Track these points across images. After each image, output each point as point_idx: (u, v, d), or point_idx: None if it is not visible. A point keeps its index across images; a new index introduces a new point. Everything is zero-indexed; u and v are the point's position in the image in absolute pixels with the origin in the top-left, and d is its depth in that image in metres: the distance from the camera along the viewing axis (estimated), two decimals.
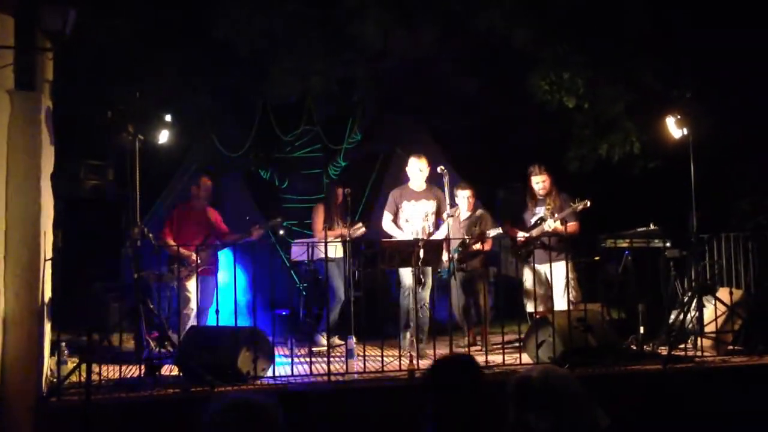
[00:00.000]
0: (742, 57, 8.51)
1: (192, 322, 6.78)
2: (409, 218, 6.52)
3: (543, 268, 6.82)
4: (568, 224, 6.69)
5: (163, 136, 6.52)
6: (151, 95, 7.58)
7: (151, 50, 8.04)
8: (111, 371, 5.76)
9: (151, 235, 6.52)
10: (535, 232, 6.87)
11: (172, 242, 6.92)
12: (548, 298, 6.80)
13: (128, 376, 5.65)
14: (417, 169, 6.77)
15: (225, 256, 7.36)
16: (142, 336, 6.00)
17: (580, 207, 6.62)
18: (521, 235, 6.94)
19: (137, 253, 6.15)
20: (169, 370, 5.77)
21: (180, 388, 5.27)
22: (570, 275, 6.46)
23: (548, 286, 6.85)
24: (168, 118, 6.59)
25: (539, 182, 6.99)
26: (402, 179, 10.56)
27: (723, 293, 6.39)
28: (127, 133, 5.99)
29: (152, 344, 6.58)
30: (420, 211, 6.54)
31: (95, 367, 5.16)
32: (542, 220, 6.86)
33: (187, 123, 8.89)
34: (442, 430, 2.51)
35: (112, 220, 5.62)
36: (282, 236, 9.38)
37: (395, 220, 6.81)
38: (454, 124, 10.88)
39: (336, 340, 7.43)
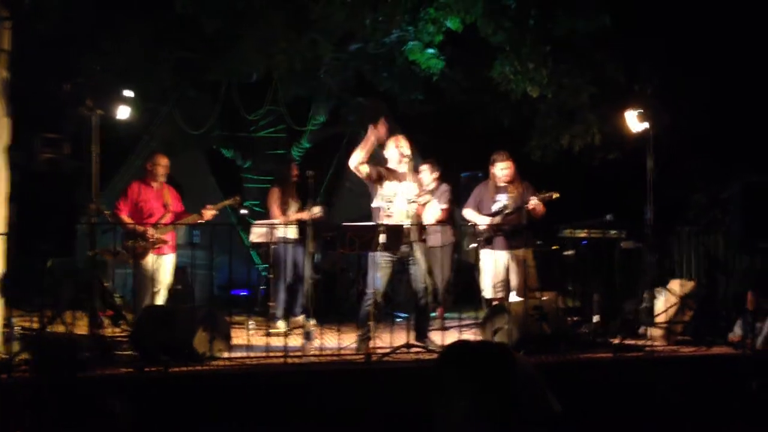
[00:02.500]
0: (701, 55, 8.69)
1: (147, 301, 6.70)
2: (391, 198, 6.31)
3: (502, 255, 6.87)
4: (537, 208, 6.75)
5: (123, 112, 6.40)
6: (112, 69, 7.45)
7: (112, 23, 7.87)
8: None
9: (107, 212, 6.43)
10: (497, 219, 6.90)
11: (127, 219, 6.81)
12: (505, 284, 6.86)
13: (81, 354, 5.54)
14: (394, 147, 6.51)
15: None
16: (96, 314, 5.93)
17: (547, 198, 6.66)
18: (483, 221, 6.97)
19: (93, 230, 6.05)
20: (123, 349, 5.71)
21: (134, 367, 5.21)
22: (529, 263, 6.53)
23: (506, 273, 6.91)
24: (128, 93, 6.48)
25: (504, 168, 6.98)
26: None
27: (675, 285, 6.54)
28: (86, 107, 5.88)
29: (106, 323, 6.51)
30: (402, 191, 6.31)
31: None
32: (505, 207, 6.89)
33: (148, 98, 8.77)
34: None
35: (68, 195, 5.53)
36: (244, 216, 9.33)
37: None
38: (419, 109, 10.89)
39: (300, 320, 7.40)
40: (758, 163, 8.48)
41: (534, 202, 6.67)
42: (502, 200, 6.96)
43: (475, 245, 7.06)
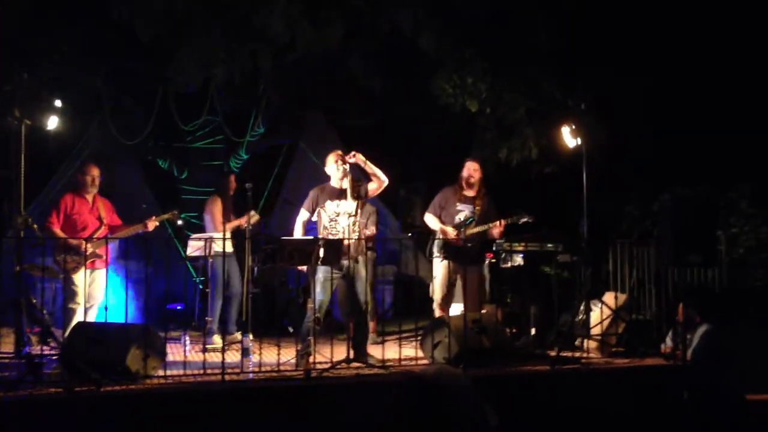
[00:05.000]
0: (633, 70, 8.98)
1: (79, 317, 6.47)
2: (334, 217, 6.32)
3: (457, 269, 6.80)
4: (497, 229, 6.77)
5: (52, 122, 6.19)
6: (41, 77, 7.20)
7: (42, 28, 7.62)
8: None
9: (35, 225, 6.19)
10: (465, 234, 6.79)
11: (60, 233, 6.58)
12: (451, 297, 6.86)
13: (7, 373, 5.32)
14: (333, 163, 6.44)
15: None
16: (22, 331, 5.70)
17: (522, 220, 6.67)
18: (450, 231, 6.83)
19: (20, 244, 5.83)
20: (52, 367, 5.49)
21: (63, 387, 5.01)
22: (486, 275, 6.54)
23: (455, 286, 6.85)
24: (58, 103, 6.26)
25: (473, 169, 6.89)
26: (304, 173, 10.54)
27: (609, 297, 6.69)
28: (13, 117, 5.67)
29: (34, 340, 6.27)
30: (345, 208, 6.33)
31: None
32: (468, 220, 6.81)
33: (80, 107, 8.51)
34: None
35: None
36: (180, 227, 9.13)
37: (309, 219, 6.54)
38: (358, 121, 10.90)
39: (237, 336, 7.25)
40: (688, 176, 8.80)
41: (498, 230, 6.68)
42: (466, 211, 6.89)
43: (439, 257, 6.92)
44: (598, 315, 6.57)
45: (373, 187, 6.43)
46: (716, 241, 6.83)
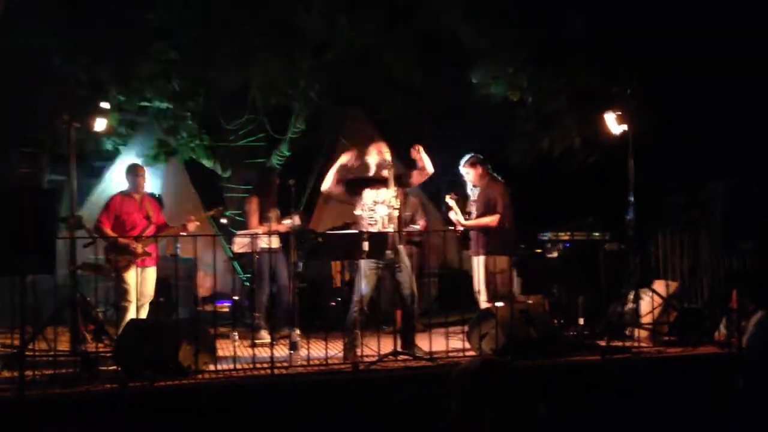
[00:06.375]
0: (676, 57, 8.78)
1: (131, 315, 6.61)
2: (372, 206, 6.33)
3: (478, 260, 6.85)
4: (481, 218, 6.73)
5: (100, 124, 6.32)
6: (88, 80, 7.36)
7: (87, 34, 7.78)
8: (46, 366, 5.55)
9: (87, 225, 6.34)
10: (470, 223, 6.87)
11: (111, 232, 6.73)
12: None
13: (64, 371, 5.46)
14: (375, 154, 6.43)
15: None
16: (78, 330, 5.84)
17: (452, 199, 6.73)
18: (457, 220, 6.91)
19: (73, 244, 5.97)
20: (107, 364, 5.62)
21: (118, 383, 5.13)
22: (497, 268, 6.54)
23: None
24: (105, 105, 6.40)
25: (464, 174, 6.97)
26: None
27: (659, 285, 6.57)
28: (62, 121, 5.80)
29: (89, 338, 6.42)
30: (383, 197, 6.39)
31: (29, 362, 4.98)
32: (469, 214, 6.88)
33: (126, 110, 8.69)
34: None
35: (47, 209, 5.46)
36: (225, 225, 9.23)
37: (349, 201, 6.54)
38: (397, 116, 10.88)
39: (285, 331, 7.30)
40: (731, 164, 8.58)
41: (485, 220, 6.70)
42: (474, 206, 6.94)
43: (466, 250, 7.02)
44: (648, 304, 6.46)
45: (418, 177, 6.44)
46: None
